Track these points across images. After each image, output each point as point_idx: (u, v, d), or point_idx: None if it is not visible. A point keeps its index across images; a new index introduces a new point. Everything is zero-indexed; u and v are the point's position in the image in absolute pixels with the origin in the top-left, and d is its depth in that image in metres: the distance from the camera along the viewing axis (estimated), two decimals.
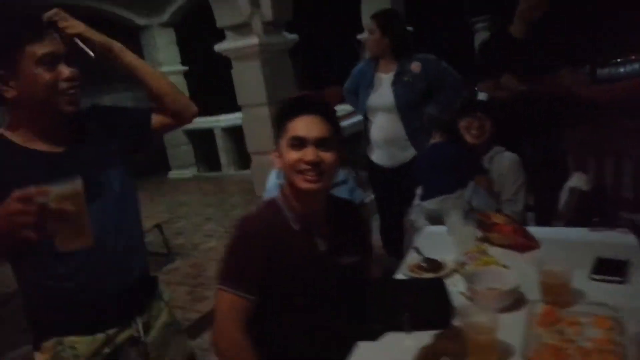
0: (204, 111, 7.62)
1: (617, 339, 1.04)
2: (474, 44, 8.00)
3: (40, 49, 1.07)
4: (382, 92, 2.50)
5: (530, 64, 2.23)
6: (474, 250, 1.49)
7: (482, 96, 2.04)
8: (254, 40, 3.09)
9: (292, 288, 1.27)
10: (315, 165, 1.21)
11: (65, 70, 1.10)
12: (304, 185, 1.23)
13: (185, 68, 7.30)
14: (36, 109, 1.11)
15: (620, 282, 1.29)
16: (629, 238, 1.53)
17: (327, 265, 1.30)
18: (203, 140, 7.10)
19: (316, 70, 7.58)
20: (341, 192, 1.98)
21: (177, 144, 7.24)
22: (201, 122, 7.03)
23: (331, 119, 1.27)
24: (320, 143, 1.23)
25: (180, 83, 7.23)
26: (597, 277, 1.32)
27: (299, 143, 1.22)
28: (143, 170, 7.46)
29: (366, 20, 4.46)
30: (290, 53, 3.44)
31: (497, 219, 1.60)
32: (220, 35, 3.63)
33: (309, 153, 1.21)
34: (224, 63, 4.01)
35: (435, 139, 2.18)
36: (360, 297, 1.29)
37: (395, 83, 2.51)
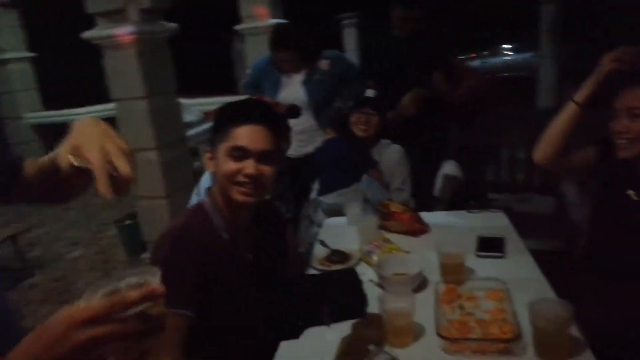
0: (58, 103, 6.76)
1: (508, 308, 1.19)
2: (343, 40, 8.40)
3: None
4: (293, 91, 2.48)
5: (412, 61, 2.41)
6: (377, 239, 1.58)
7: (369, 92, 2.15)
8: (129, 28, 2.81)
9: (223, 299, 1.21)
10: (254, 178, 1.17)
11: None
12: (239, 197, 1.18)
13: (33, 54, 6.36)
14: None
15: (501, 257, 1.49)
16: (500, 217, 1.77)
17: (254, 273, 1.27)
18: (56, 136, 6.26)
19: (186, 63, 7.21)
20: None
21: (25, 140, 6.30)
22: (54, 116, 6.25)
23: (277, 131, 1.24)
24: (262, 156, 1.18)
25: (27, 71, 6.30)
26: (481, 254, 1.50)
27: (240, 154, 1.17)
28: None
29: (245, 11, 4.38)
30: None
31: (395, 207, 1.72)
32: (76, 19, 3.23)
33: (250, 166, 1.17)
34: (82, 51, 3.57)
35: (329, 134, 2.24)
36: (282, 296, 1.29)
37: (306, 82, 2.51)
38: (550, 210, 2.33)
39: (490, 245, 1.54)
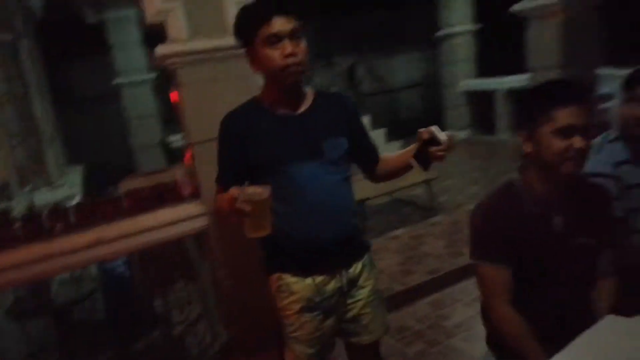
0: (488, 72, 7.41)
1: None
2: None
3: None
4: None
5: None
6: None
7: None
8: None
9: (534, 264, 1.31)
10: (583, 151, 1.23)
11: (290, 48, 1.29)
12: (572, 169, 1.24)
13: (476, 27, 7.16)
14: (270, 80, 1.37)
15: None
16: None
17: (565, 244, 1.30)
18: (481, 102, 7.00)
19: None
20: None
21: (456, 105, 7.36)
22: (482, 84, 6.94)
23: (591, 107, 1.26)
24: (584, 131, 1.22)
25: (468, 42, 7.19)
26: None
27: (568, 132, 1.22)
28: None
29: None
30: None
31: None
32: None
33: (579, 141, 1.21)
34: (515, 23, 3.83)
35: None
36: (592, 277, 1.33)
37: None
38: None
39: None
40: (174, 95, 2.44)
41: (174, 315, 3.03)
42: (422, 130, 1.29)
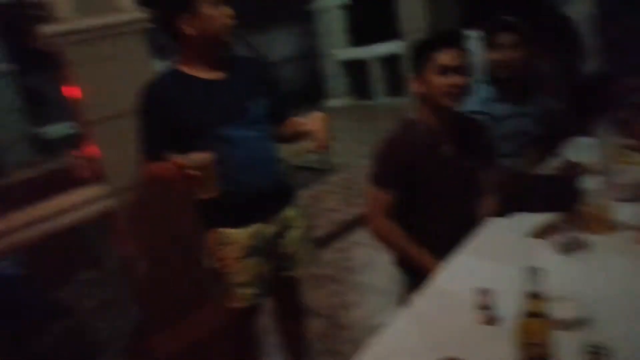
0: (360, 42, 7.78)
1: None
2: None
3: None
4: None
5: None
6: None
7: None
8: None
9: (427, 185, 1.56)
10: (460, 87, 1.47)
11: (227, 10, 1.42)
12: (452, 102, 1.49)
13: (347, 1, 7.55)
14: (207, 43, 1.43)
15: None
16: None
17: (451, 167, 1.57)
18: (357, 70, 7.47)
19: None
20: None
21: (334, 74, 7.74)
22: (356, 52, 7.39)
23: (466, 51, 1.50)
24: (461, 70, 1.47)
25: (340, 14, 7.57)
26: None
27: (445, 71, 1.46)
28: (304, 97, 8.18)
29: None
30: None
31: None
32: None
33: (456, 78, 1.45)
34: None
35: None
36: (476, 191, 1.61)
37: None
38: None
39: None
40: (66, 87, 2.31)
41: (80, 303, 2.91)
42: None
